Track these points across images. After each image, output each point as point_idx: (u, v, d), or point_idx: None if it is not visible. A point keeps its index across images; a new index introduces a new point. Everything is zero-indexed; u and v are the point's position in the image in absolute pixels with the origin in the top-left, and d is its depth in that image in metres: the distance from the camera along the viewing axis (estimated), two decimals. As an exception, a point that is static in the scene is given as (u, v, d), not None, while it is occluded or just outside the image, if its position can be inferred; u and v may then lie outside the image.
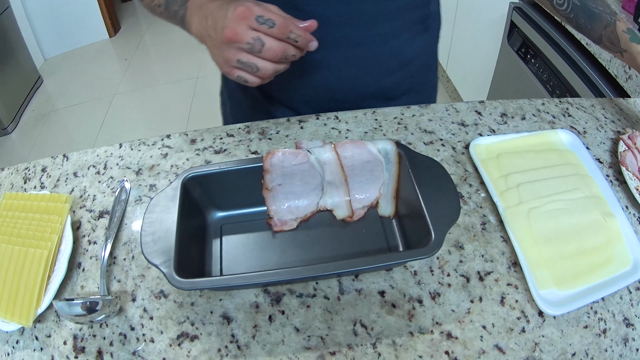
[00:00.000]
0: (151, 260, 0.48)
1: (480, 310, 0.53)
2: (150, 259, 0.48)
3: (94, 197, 0.66)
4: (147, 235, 0.50)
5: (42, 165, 0.71)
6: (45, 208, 0.59)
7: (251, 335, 0.51)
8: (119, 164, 0.70)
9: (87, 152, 0.72)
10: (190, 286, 0.47)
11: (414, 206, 0.54)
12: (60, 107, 2.86)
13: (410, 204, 0.56)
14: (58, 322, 0.52)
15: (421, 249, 0.49)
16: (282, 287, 0.55)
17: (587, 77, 1.13)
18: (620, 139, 0.70)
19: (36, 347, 0.51)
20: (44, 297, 0.52)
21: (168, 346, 0.50)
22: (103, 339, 0.51)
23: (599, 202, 0.62)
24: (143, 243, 0.49)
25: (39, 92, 3.00)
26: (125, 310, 0.53)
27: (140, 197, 0.66)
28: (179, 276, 0.47)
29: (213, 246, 0.59)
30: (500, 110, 0.78)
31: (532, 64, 1.39)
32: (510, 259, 0.57)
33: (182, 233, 0.51)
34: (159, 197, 0.54)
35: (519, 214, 0.60)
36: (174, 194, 0.54)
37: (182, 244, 0.50)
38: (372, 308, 0.53)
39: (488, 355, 0.50)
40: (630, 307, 0.54)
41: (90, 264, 0.58)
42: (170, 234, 0.50)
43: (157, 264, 0.47)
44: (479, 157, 0.68)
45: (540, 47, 1.33)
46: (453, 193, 0.53)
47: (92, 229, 0.62)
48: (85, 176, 0.69)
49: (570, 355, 0.50)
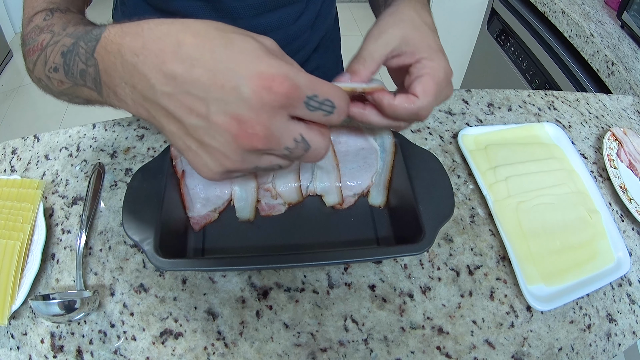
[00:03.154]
0: (132, 236, 0.45)
1: (470, 304, 0.53)
2: (131, 234, 0.45)
3: (66, 182, 0.62)
4: (129, 209, 0.47)
5: (12, 147, 0.66)
6: (16, 195, 0.55)
7: (238, 332, 0.49)
8: (93, 146, 0.66)
9: (58, 133, 0.68)
10: (171, 266, 0.44)
11: (406, 199, 0.53)
12: (29, 81, 2.70)
13: (402, 195, 0.55)
14: (34, 318, 0.49)
15: (412, 245, 0.48)
16: (269, 280, 0.53)
17: (567, 68, 1.14)
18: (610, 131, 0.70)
19: (12, 345, 0.48)
20: (18, 292, 0.48)
21: (151, 344, 0.48)
22: (82, 337, 0.48)
23: (584, 198, 0.63)
24: (124, 218, 0.47)
25: (9, 66, 2.85)
26: (103, 306, 0.50)
27: (116, 182, 0.62)
28: (161, 255, 0.44)
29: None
30: (487, 100, 0.78)
31: (511, 52, 1.40)
32: (499, 253, 0.57)
33: (166, 210, 0.48)
34: (143, 170, 0.51)
35: (507, 208, 0.60)
36: (159, 168, 0.51)
37: (165, 222, 0.48)
38: (362, 303, 0.52)
39: (478, 350, 0.50)
40: (613, 303, 0.55)
41: (65, 254, 0.54)
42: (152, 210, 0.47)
43: (137, 240, 0.45)
44: (468, 147, 0.67)
45: (520, 35, 1.33)
46: (448, 189, 0.52)
47: (65, 217, 0.58)
48: (57, 159, 0.64)
49: (557, 350, 0.51)
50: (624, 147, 0.71)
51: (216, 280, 0.53)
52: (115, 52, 0.32)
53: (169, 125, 0.31)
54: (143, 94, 0.31)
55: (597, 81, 1.05)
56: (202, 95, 0.29)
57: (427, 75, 0.43)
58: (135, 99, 0.32)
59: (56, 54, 0.39)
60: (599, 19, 1.13)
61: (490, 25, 1.53)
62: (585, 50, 1.06)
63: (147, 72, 0.30)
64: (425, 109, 0.43)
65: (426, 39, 0.45)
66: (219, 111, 0.29)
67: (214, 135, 0.30)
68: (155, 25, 0.32)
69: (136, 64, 0.31)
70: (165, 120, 0.31)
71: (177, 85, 0.30)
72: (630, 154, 0.71)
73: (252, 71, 0.29)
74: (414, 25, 0.46)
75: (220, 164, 0.32)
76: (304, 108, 0.31)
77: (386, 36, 0.45)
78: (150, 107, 0.32)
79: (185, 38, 0.30)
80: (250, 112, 0.29)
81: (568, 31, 1.13)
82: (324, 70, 0.91)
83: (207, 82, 0.29)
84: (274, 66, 0.29)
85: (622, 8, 1.06)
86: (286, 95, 0.29)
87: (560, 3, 1.16)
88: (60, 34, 0.40)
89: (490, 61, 1.57)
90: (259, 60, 0.29)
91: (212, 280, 0.53)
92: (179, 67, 0.29)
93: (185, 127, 0.31)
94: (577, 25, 1.09)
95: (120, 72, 0.32)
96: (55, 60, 0.39)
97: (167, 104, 0.30)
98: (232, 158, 0.31)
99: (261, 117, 0.29)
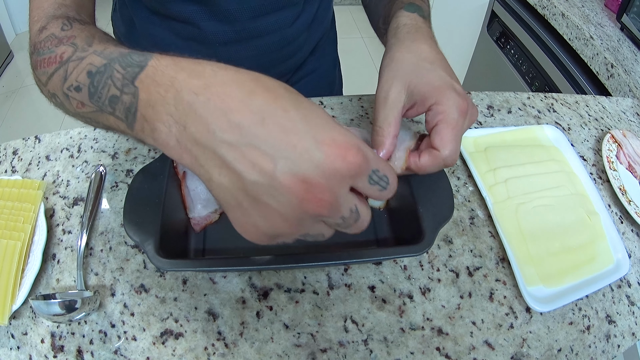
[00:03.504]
0: (133, 237, 0.46)
1: (469, 306, 0.53)
2: (132, 235, 0.46)
3: (67, 183, 0.62)
4: (130, 210, 0.48)
5: (13, 148, 0.66)
6: (17, 195, 0.55)
7: (239, 332, 0.49)
8: (94, 147, 0.66)
9: (59, 134, 0.68)
10: (171, 267, 0.44)
11: (407, 200, 0.53)
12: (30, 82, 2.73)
13: (402, 197, 0.55)
14: (34, 318, 0.49)
15: (412, 246, 0.48)
16: (269, 281, 0.53)
17: (567, 71, 1.14)
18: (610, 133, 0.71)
19: (12, 345, 0.48)
20: (19, 292, 0.48)
21: (151, 344, 0.48)
22: (82, 337, 0.48)
23: (584, 200, 0.63)
24: (125, 219, 0.47)
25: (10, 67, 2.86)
26: (104, 306, 0.50)
27: (117, 183, 0.62)
28: (161, 256, 0.44)
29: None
30: (486, 102, 0.78)
31: (511, 54, 1.40)
32: (498, 255, 0.57)
33: (167, 211, 0.49)
34: (144, 171, 0.51)
35: (507, 210, 0.60)
36: (160, 169, 0.51)
37: (166, 223, 0.48)
38: (362, 303, 0.52)
39: (478, 351, 0.50)
40: (612, 305, 0.55)
41: (66, 255, 0.54)
42: (154, 211, 0.47)
43: (138, 241, 0.45)
44: (467, 149, 0.67)
45: (520, 38, 1.34)
46: (448, 191, 0.52)
47: (66, 217, 0.58)
48: (58, 160, 0.65)
49: (556, 351, 0.51)
50: (623, 149, 0.71)
51: (217, 280, 0.53)
52: (168, 85, 0.30)
53: (221, 177, 0.28)
54: (196, 137, 0.28)
55: (596, 84, 1.05)
56: (271, 151, 0.27)
57: (441, 123, 0.44)
58: (183, 140, 0.29)
59: (80, 72, 0.36)
60: (598, 21, 1.13)
61: (490, 28, 1.53)
62: (585, 52, 1.07)
63: (207, 115, 0.28)
64: (450, 157, 0.44)
65: (430, 81, 0.46)
66: (287, 171, 0.27)
67: (276, 195, 0.28)
68: (219, 68, 0.30)
69: (194, 103, 0.28)
70: (218, 170, 0.28)
71: (243, 136, 0.27)
72: (630, 156, 0.71)
73: (326, 137, 0.28)
74: (414, 70, 0.46)
75: (273, 226, 0.29)
76: (365, 180, 0.31)
77: (392, 97, 0.46)
78: (200, 153, 0.29)
79: (257, 89, 0.29)
80: (321, 177, 0.28)
81: (568, 34, 1.13)
82: (320, 72, 0.91)
83: (277, 139, 0.27)
84: (347, 136, 0.29)
85: (622, 10, 1.07)
86: (358, 165, 0.29)
87: (560, 6, 1.16)
88: (85, 50, 0.37)
89: (490, 64, 1.57)
90: (332, 127, 0.29)
91: (212, 280, 0.53)
92: (249, 117, 0.28)
93: (243, 181, 0.28)
94: (577, 27, 1.09)
95: (170, 108, 0.29)
96: (78, 79, 0.36)
97: (226, 153, 0.28)
98: (290, 221, 0.29)
99: (331, 184, 0.28)
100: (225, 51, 0.73)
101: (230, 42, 0.71)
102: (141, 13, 0.72)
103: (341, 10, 3.17)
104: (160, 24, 0.71)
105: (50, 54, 0.40)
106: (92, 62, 0.36)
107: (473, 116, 0.46)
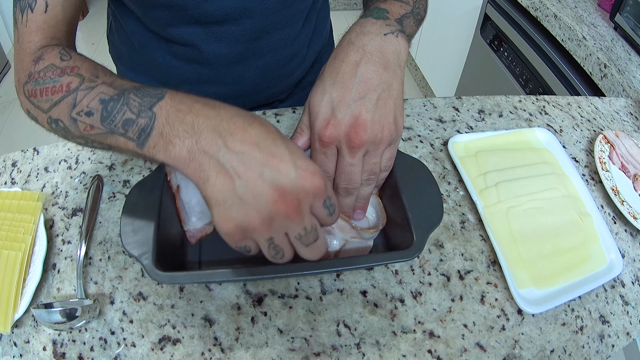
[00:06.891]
0: (130, 251, 0.47)
1: (461, 309, 0.54)
2: (130, 250, 0.47)
3: (66, 194, 0.63)
4: (127, 225, 0.48)
5: (12, 160, 0.68)
6: (17, 207, 0.57)
7: (234, 337, 0.50)
8: (91, 159, 0.68)
9: (57, 146, 0.70)
10: (170, 280, 0.46)
11: (396, 206, 0.54)
12: (27, 93, 2.75)
13: (392, 203, 0.56)
14: (36, 326, 0.51)
15: (402, 251, 0.49)
16: (264, 287, 0.54)
17: (561, 72, 1.15)
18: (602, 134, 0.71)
19: (15, 353, 0.49)
20: (21, 301, 0.50)
21: (150, 350, 0.49)
22: (83, 344, 0.49)
23: (576, 201, 0.63)
24: (122, 234, 0.48)
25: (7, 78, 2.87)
26: (104, 314, 0.52)
27: (114, 193, 0.63)
28: (159, 269, 0.45)
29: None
30: (477, 106, 0.79)
31: (504, 57, 1.41)
32: (489, 258, 0.58)
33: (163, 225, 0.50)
34: (139, 186, 0.52)
35: (497, 213, 0.61)
36: (155, 182, 0.53)
37: (162, 236, 0.49)
38: (354, 308, 0.53)
39: (470, 353, 0.51)
40: (606, 305, 0.56)
41: (66, 264, 0.56)
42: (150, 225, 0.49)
43: (136, 255, 0.46)
44: (458, 154, 0.68)
45: (513, 40, 1.35)
46: (437, 197, 0.53)
47: (65, 228, 0.59)
48: (56, 171, 0.66)
49: (549, 352, 0.52)
50: (616, 150, 0.72)
51: (212, 288, 0.54)
52: (186, 110, 0.38)
53: (217, 179, 0.36)
54: (205, 148, 0.36)
55: (590, 84, 1.06)
56: (260, 168, 0.36)
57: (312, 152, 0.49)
58: (194, 150, 0.37)
59: (92, 99, 0.41)
60: (592, 21, 1.14)
61: (483, 31, 1.54)
62: (578, 53, 1.07)
63: (218, 134, 0.37)
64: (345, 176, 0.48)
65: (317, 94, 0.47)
66: (270, 181, 0.36)
67: (257, 197, 0.35)
68: (227, 105, 0.39)
69: (208, 124, 0.37)
70: (215, 174, 0.36)
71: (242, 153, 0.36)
72: (623, 156, 0.72)
73: (302, 164, 0.37)
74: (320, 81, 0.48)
75: (247, 219, 0.36)
76: (321, 203, 0.38)
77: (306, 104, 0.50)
78: (206, 160, 0.36)
79: (254, 122, 0.38)
80: (292, 189, 0.36)
81: (561, 35, 1.14)
82: None
83: (267, 160, 0.36)
84: (316, 166, 0.38)
85: (615, 10, 1.07)
86: (320, 188, 0.37)
87: (553, 7, 1.17)
88: (93, 81, 0.42)
89: (484, 67, 1.58)
90: (305, 158, 0.38)
91: (208, 288, 0.54)
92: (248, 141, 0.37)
93: (234, 184, 0.36)
94: (570, 28, 1.10)
95: (186, 127, 0.37)
96: (90, 105, 0.41)
97: (226, 162, 0.36)
98: (262, 217, 0.36)
99: (299, 196, 0.36)
100: (227, 72, 0.73)
101: (232, 63, 0.72)
102: (140, 36, 0.71)
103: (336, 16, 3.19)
104: (160, 47, 0.71)
105: (55, 84, 0.43)
106: (104, 92, 0.41)
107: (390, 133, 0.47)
